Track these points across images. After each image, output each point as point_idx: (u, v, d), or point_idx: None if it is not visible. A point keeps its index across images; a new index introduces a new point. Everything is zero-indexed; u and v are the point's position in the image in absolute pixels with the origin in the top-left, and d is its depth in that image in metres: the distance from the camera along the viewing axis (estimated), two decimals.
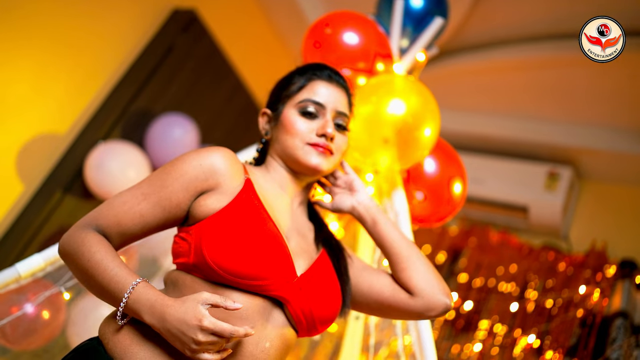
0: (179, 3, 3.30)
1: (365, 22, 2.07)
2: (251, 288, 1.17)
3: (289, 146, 1.35)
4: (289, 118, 1.37)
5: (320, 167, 1.34)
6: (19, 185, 2.76)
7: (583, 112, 3.56)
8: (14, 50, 2.65)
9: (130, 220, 1.21)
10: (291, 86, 1.42)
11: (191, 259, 1.17)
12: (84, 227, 1.20)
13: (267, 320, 1.19)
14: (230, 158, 1.27)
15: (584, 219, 3.70)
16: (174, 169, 1.23)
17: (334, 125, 1.38)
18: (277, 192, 1.36)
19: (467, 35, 3.60)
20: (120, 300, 1.10)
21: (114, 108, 2.95)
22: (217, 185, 1.23)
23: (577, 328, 3.16)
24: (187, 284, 1.18)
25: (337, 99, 1.42)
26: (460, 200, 2.11)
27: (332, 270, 1.35)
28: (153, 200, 1.21)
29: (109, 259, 1.13)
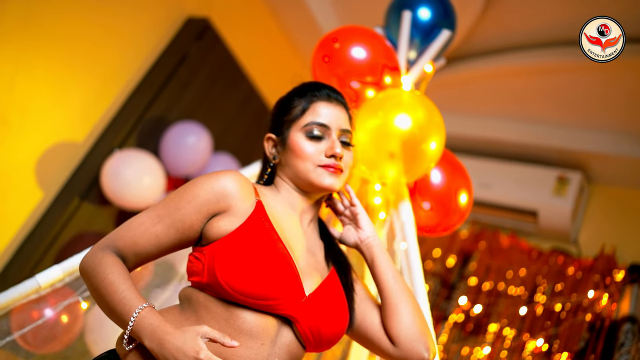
0: (192, 12, 3.36)
1: (372, 37, 2.11)
2: (261, 307, 1.22)
3: (301, 170, 1.39)
4: (296, 142, 1.41)
5: (334, 187, 1.40)
6: (38, 192, 2.85)
7: (593, 117, 3.57)
8: (32, 62, 2.72)
9: (147, 241, 1.27)
10: (293, 110, 1.46)
11: (204, 279, 1.22)
12: (103, 248, 1.26)
13: (276, 338, 1.24)
14: (240, 181, 1.31)
15: (594, 224, 3.71)
16: (187, 192, 1.28)
17: (340, 144, 1.43)
18: (288, 212, 1.40)
19: (478, 41, 3.63)
20: (126, 322, 1.16)
21: (129, 116, 3.02)
22: (229, 208, 1.28)
23: (586, 332, 3.18)
24: (200, 301, 1.23)
25: (339, 117, 1.46)
26: (466, 210, 2.16)
27: (340, 289, 1.40)
28: (167, 222, 1.27)
29: (120, 282, 1.19)
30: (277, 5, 3.84)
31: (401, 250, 1.99)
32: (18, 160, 2.74)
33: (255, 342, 1.19)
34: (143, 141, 3.04)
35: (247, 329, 1.19)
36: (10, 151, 2.70)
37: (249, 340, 1.19)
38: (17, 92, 2.67)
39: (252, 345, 1.19)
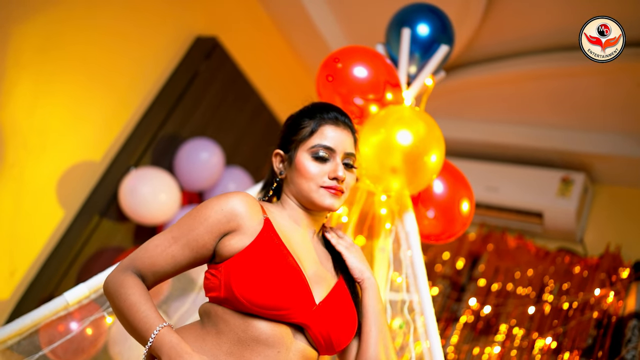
0: (201, 32, 3.47)
1: (373, 56, 2.21)
2: (276, 317, 1.31)
3: (304, 189, 1.49)
4: (302, 162, 1.50)
5: (334, 207, 1.49)
6: (60, 211, 2.97)
7: (594, 119, 3.64)
8: (51, 88, 2.84)
9: (164, 261, 1.37)
10: (302, 131, 1.54)
11: (222, 294, 1.32)
12: (124, 269, 1.37)
13: (291, 344, 1.34)
14: (248, 201, 1.41)
15: (599, 223, 3.77)
16: (199, 214, 1.38)
17: (343, 167, 1.52)
18: (293, 227, 1.50)
19: (479, 49, 3.71)
20: (146, 340, 1.26)
21: (144, 135, 3.13)
22: (239, 227, 1.37)
23: (593, 329, 3.24)
24: (219, 314, 1.33)
25: (344, 141, 1.55)
26: (469, 217, 2.25)
27: (348, 295, 1.50)
28: (182, 242, 1.37)
29: (141, 302, 1.29)
30: (282, 21, 3.94)
31: (407, 258, 2.08)
32: (40, 182, 2.86)
33: (272, 350, 1.29)
34: (158, 158, 3.15)
35: (263, 339, 1.29)
36: (31, 173, 2.82)
37: (266, 349, 1.29)
38: (36, 117, 2.79)
39: (269, 353, 1.29)
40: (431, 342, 1.93)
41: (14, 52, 2.68)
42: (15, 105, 2.71)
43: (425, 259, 3.99)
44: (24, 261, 2.86)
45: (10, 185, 2.74)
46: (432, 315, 1.97)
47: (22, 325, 1.86)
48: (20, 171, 2.76)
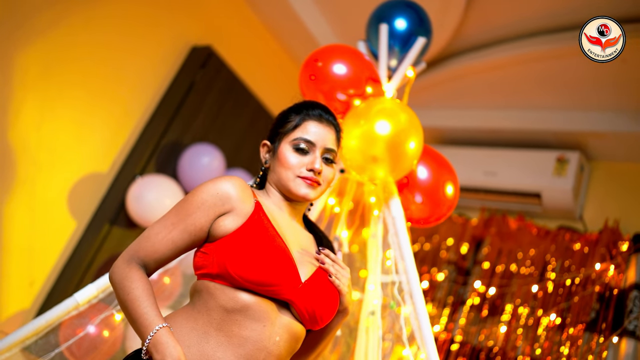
0: (195, 42, 3.60)
1: (351, 53, 2.31)
2: (264, 292, 1.42)
3: (282, 178, 1.59)
4: (283, 153, 1.61)
5: (308, 197, 1.59)
6: (72, 222, 3.12)
7: (585, 98, 3.69)
8: (56, 106, 2.99)
9: (165, 247, 1.46)
10: (287, 124, 1.65)
11: (214, 270, 1.42)
12: (129, 261, 1.46)
13: (277, 318, 1.44)
14: (240, 185, 1.52)
15: (597, 199, 3.83)
16: (195, 198, 1.48)
17: (322, 161, 1.62)
18: (279, 213, 1.61)
19: (467, 37, 3.79)
20: (144, 336, 1.35)
21: (147, 145, 3.27)
22: (232, 209, 1.48)
23: (596, 303, 3.31)
24: (210, 290, 1.42)
25: (326, 136, 1.64)
26: (454, 199, 2.34)
27: None
28: (181, 227, 1.46)
29: (144, 297, 1.39)
30: (275, 25, 4.06)
31: (395, 242, 2.19)
32: (50, 196, 3.01)
33: (258, 324, 1.40)
34: (162, 166, 3.28)
35: (250, 314, 1.39)
36: (42, 188, 2.97)
37: (252, 323, 1.39)
38: (44, 134, 2.95)
39: (256, 327, 1.39)
40: (420, 320, 2.03)
41: (18, 74, 2.84)
42: (23, 124, 2.86)
43: (430, 246, 4.09)
44: (41, 272, 3.02)
45: (24, 201, 2.90)
46: (420, 294, 2.07)
47: (37, 325, 2.00)
48: (31, 187, 2.92)
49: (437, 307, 3.85)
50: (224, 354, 1.36)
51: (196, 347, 1.37)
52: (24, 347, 1.99)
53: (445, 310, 3.81)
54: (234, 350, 1.37)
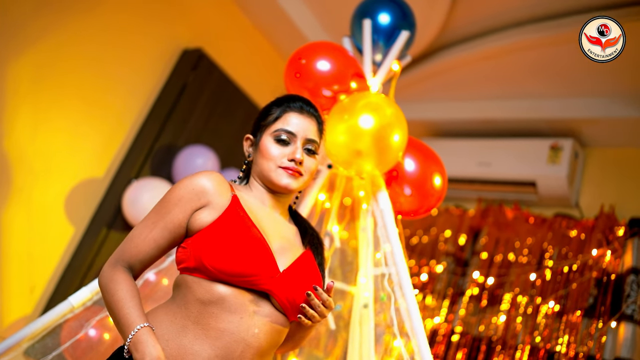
0: (186, 45, 3.63)
1: (335, 49, 2.34)
2: (242, 284, 1.43)
3: (264, 169, 1.61)
4: (265, 144, 1.63)
5: (290, 187, 1.60)
6: (70, 227, 3.16)
7: (577, 85, 3.69)
8: (49, 112, 3.03)
9: (148, 247, 1.49)
10: (269, 116, 1.67)
11: (192, 264, 1.44)
12: (114, 264, 1.50)
13: (256, 311, 1.45)
14: (216, 179, 1.54)
15: (592, 185, 3.83)
16: (172, 195, 1.51)
17: (303, 151, 1.63)
18: (260, 206, 1.62)
19: (456, 30, 3.81)
20: (126, 336, 1.38)
21: (141, 148, 3.30)
22: (208, 203, 1.50)
23: (594, 289, 3.32)
24: (188, 284, 1.45)
25: (307, 127, 1.66)
26: (442, 190, 2.36)
27: (314, 265, 1.62)
28: (161, 225, 1.49)
29: (127, 299, 1.41)
30: (264, 24, 4.08)
31: (383, 234, 2.21)
32: (48, 202, 3.05)
33: (234, 316, 1.41)
34: (156, 169, 3.31)
35: (226, 306, 1.41)
36: (39, 195, 3.01)
37: (229, 316, 1.41)
38: (38, 142, 2.98)
39: (232, 319, 1.41)
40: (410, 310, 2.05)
41: (11, 84, 2.87)
42: (17, 132, 2.90)
43: (428, 238, 4.12)
44: (41, 278, 3.06)
45: (21, 209, 2.94)
46: (409, 285, 2.09)
47: (34, 329, 2.03)
48: (28, 194, 2.96)
49: (436, 299, 3.87)
50: (201, 346, 1.38)
51: (174, 340, 1.40)
52: (21, 350, 2.03)
53: (445, 302, 3.83)
54: (211, 343, 1.39)
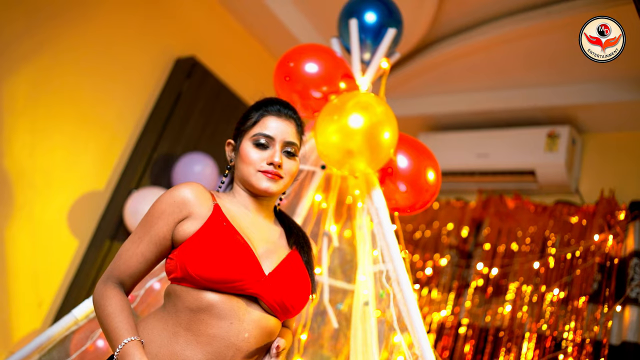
0: (179, 53, 3.66)
1: (321, 51, 2.37)
2: (229, 289, 1.46)
3: (245, 173, 1.63)
4: (244, 149, 1.64)
5: (270, 190, 1.62)
6: (74, 241, 3.20)
7: (571, 72, 3.69)
8: (47, 127, 3.06)
9: (136, 261, 1.52)
10: (248, 121, 1.69)
11: (179, 274, 1.47)
12: (105, 281, 1.53)
13: (246, 315, 1.48)
14: (197, 189, 1.56)
15: (591, 171, 3.83)
16: (155, 210, 1.54)
17: (282, 154, 1.65)
18: (243, 212, 1.65)
19: (448, 23, 3.81)
20: (114, 349, 1.41)
21: (140, 159, 3.33)
22: (190, 214, 1.52)
23: (597, 274, 3.32)
24: (177, 293, 1.48)
25: (285, 130, 1.67)
26: (436, 185, 2.38)
27: (301, 265, 1.65)
28: (146, 240, 1.52)
29: (116, 313, 1.45)
30: (255, 28, 4.10)
31: (379, 231, 2.23)
32: (50, 217, 3.09)
33: (224, 322, 1.44)
34: (156, 178, 3.35)
35: (215, 312, 1.44)
36: (41, 211, 3.05)
37: (219, 322, 1.44)
38: (38, 158, 3.02)
39: (223, 325, 1.44)
40: (408, 305, 2.07)
41: (7, 102, 2.91)
42: (16, 150, 2.94)
43: (430, 232, 4.13)
44: (48, 292, 3.10)
45: (24, 225, 2.98)
46: (406, 281, 2.10)
47: (40, 343, 2.07)
48: (30, 211, 2.99)
49: (442, 293, 3.89)
50: (192, 352, 1.41)
51: (167, 347, 1.43)
52: None
53: (450, 295, 3.84)
54: (202, 348, 1.42)
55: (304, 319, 2.52)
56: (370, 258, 2.27)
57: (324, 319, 2.58)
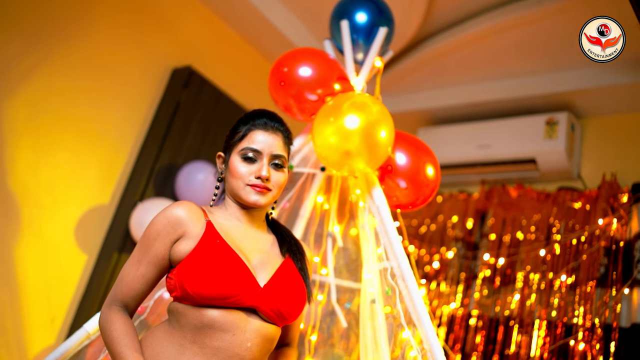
0: (175, 64, 3.69)
1: (314, 54, 2.38)
2: (227, 304, 1.50)
3: (234, 187, 1.67)
4: (233, 163, 1.68)
5: (259, 203, 1.66)
6: (82, 256, 3.23)
7: (566, 58, 3.70)
8: (49, 146, 3.10)
9: (138, 283, 1.57)
10: (236, 135, 1.72)
11: (178, 293, 1.52)
12: (110, 305, 1.58)
13: (247, 325, 1.52)
14: (189, 208, 1.60)
15: (592, 155, 3.84)
16: (150, 232, 1.58)
17: (269, 167, 1.69)
18: (235, 224, 1.69)
19: (440, 17, 3.83)
20: None
21: (142, 170, 3.36)
22: (184, 233, 1.56)
23: (604, 258, 3.33)
24: (179, 311, 1.53)
25: (272, 143, 1.70)
26: (436, 180, 2.40)
27: (295, 272, 1.69)
28: (145, 261, 1.57)
29: (121, 338, 1.49)
30: (250, 33, 4.12)
31: (382, 229, 2.25)
32: (58, 234, 3.12)
33: (228, 334, 1.48)
34: (159, 189, 3.37)
35: (218, 326, 1.48)
36: (49, 228, 3.08)
37: (222, 334, 1.48)
38: (42, 176, 3.06)
39: (226, 337, 1.48)
40: (414, 300, 2.09)
41: (8, 123, 2.95)
42: (20, 170, 2.98)
43: (436, 226, 4.15)
44: (60, 307, 3.13)
45: (33, 243, 3.01)
46: (411, 277, 2.13)
47: (54, 359, 2.10)
48: (38, 228, 3.03)
49: (450, 285, 3.91)
50: None
51: (174, 358, 1.47)
52: None
53: (459, 287, 3.86)
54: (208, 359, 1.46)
55: (313, 320, 2.54)
56: (375, 256, 2.29)
57: (333, 319, 2.61)
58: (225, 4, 3.86)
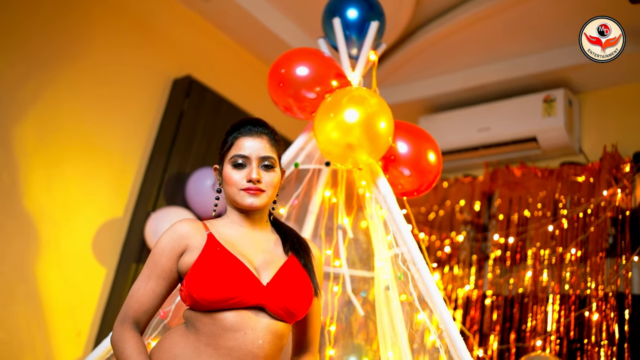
0: (175, 74, 3.76)
1: (310, 53, 2.44)
2: (233, 305, 1.58)
3: (230, 194, 1.76)
4: (226, 172, 1.77)
5: (254, 205, 1.74)
6: (102, 269, 3.31)
7: (558, 35, 3.74)
8: (60, 164, 3.18)
9: (148, 298, 1.66)
10: (225, 146, 1.82)
11: (189, 302, 1.61)
12: (122, 322, 1.65)
13: (257, 324, 1.60)
14: (190, 224, 1.70)
15: (592, 129, 3.89)
16: (157, 249, 1.68)
17: (259, 169, 1.76)
18: (237, 230, 1.78)
19: (430, 5, 3.89)
20: None
21: (153, 181, 3.44)
22: (187, 246, 1.66)
23: (611, 228, 3.39)
24: (193, 317, 1.62)
25: (258, 147, 1.78)
26: (438, 166, 2.45)
27: (299, 268, 1.76)
28: (154, 276, 1.66)
29: (134, 356, 1.56)
30: (246, 39, 4.18)
31: (390, 218, 2.32)
32: (76, 250, 3.20)
33: (239, 333, 1.57)
34: (170, 198, 3.45)
35: (229, 326, 1.57)
36: (66, 244, 3.16)
37: (234, 334, 1.56)
38: (55, 195, 3.14)
39: (238, 336, 1.56)
40: (426, 283, 2.15)
41: (18, 146, 3.03)
42: (34, 190, 3.06)
43: (444, 211, 4.20)
44: (84, 321, 3.22)
45: (52, 261, 3.09)
46: (421, 260, 2.18)
47: None
48: (56, 246, 3.11)
49: (463, 268, 3.97)
50: None
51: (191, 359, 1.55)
52: None
53: (472, 269, 3.92)
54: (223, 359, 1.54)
55: (330, 311, 2.61)
56: (385, 244, 2.36)
57: (350, 308, 2.67)
58: (219, 12, 3.93)
